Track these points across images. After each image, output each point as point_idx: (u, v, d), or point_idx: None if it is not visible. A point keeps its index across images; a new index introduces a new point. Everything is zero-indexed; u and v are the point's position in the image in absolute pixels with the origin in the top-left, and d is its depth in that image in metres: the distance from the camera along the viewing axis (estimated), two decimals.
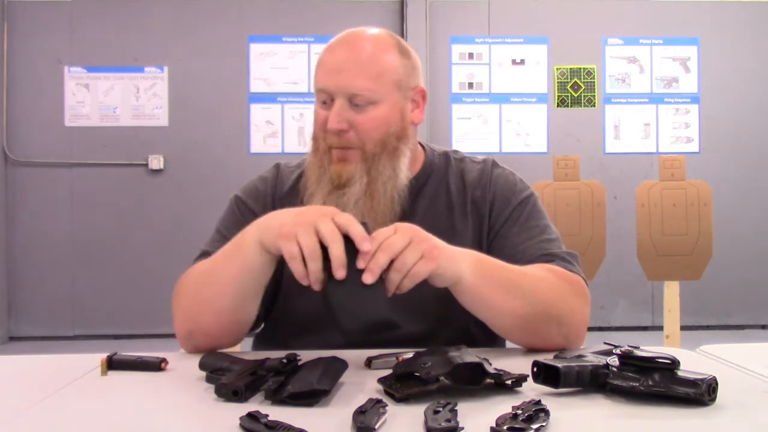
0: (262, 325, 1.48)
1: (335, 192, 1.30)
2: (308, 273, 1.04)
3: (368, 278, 1.05)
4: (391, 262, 1.06)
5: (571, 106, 5.51)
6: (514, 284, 1.19)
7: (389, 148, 1.32)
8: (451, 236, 1.31)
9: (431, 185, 1.39)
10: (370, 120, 1.30)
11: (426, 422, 0.81)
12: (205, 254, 1.34)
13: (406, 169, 1.34)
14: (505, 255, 1.29)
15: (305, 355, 1.01)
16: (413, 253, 1.07)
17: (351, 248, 1.04)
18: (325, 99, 1.31)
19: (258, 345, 1.46)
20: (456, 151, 1.46)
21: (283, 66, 5.42)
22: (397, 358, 1.06)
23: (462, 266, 1.14)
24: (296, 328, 1.35)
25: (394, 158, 1.32)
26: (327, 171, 1.32)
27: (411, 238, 1.08)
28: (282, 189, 1.42)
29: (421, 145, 1.44)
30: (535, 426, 0.79)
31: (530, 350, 1.24)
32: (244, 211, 1.41)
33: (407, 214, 1.33)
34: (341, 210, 1.12)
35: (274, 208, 1.38)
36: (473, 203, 1.37)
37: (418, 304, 1.30)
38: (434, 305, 1.31)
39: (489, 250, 1.33)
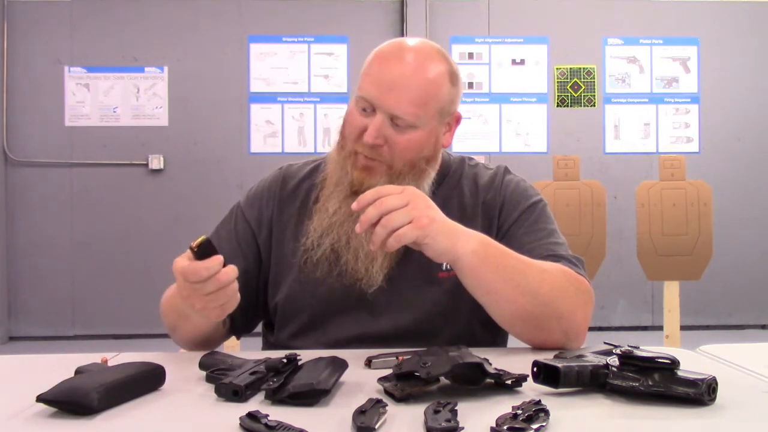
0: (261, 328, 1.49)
1: (353, 198, 1.27)
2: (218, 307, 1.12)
3: (358, 228, 1.14)
4: None
5: (571, 106, 5.51)
6: (518, 272, 1.19)
7: (417, 170, 1.31)
8: None
9: (445, 188, 1.39)
10: (406, 142, 1.28)
11: (426, 422, 0.81)
12: None
13: (428, 189, 1.33)
14: None
15: (305, 355, 1.01)
16: (403, 215, 1.12)
17: None
18: (366, 107, 1.28)
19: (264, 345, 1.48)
20: (471, 158, 1.47)
21: (283, 66, 5.42)
22: (397, 358, 1.06)
23: (461, 244, 1.16)
24: (298, 327, 1.36)
25: (420, 179, 1.32)
26: (348, 174, 1.30)
27: (408, 202, 1.13)
28: (284, 191, 1.43)
29: None
30: (535, 426, 0.79)
31: (530, 349, 1.24)
32: (239, 220, 1.43)
33: None
34: (356, 217, 1.19)
35: (274, 210, 1.41)
36: (484, 205, 1.37)
37: (421, 300, 1.31)
38: (438, 301, 1.32)
39: None
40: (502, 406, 0.87)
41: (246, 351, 1.37)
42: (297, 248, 1.36)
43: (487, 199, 1.38)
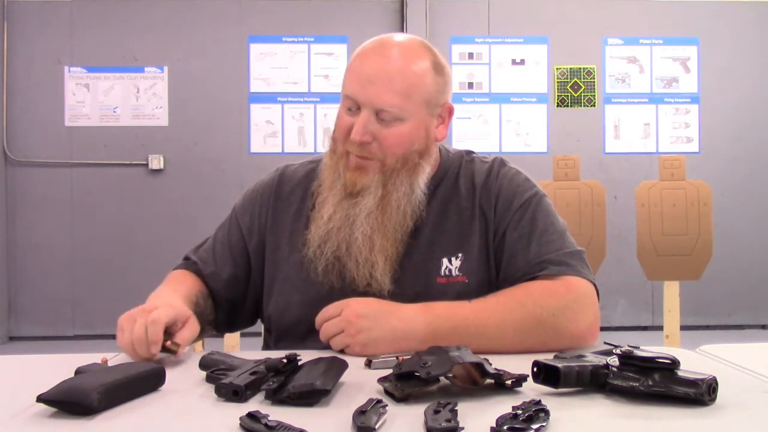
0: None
1: (347, 200, 1.28)
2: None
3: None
4: None
5: (571, 106, 5.51)
6: (478, 334, 1.19)
7: (410, 165, 1.30)
8: (462, 241, 1.32)
9: (443, 187, 1.37)
10: (395, 136, 1.27)
11: (426, 422, 0.81)
12: (186, 260, 1.45)
13: (423, 185, 1.32)
14: (505, 262, 1.32)
15: (305, 356, 1.01)
16: (341, 341, 1.21)
17: None
18: (351, 106, 1.28)
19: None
20: (469, 152, 1.44)
21: (283, 66, 5.42)
22: (397, 358, 1.06)
23: (405, 344, 1.17)
24: (296, 337, 1.34)
25: (413, 174, 1.30)
26: (341, 176, 1.30)
27: (343, 327, 1.20)
28: (280, 196, 1.42)
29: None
30: (535, 426, 0.79)
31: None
32: (233, 226, 1.44)
33: (418, 221, 1.32)
34: (351, 221, 1.26)
35: (268, 218, 1.40)
36: (480, 207, 1.35)
37: (421, 300, 1.31)
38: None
39: (494, 253, 1.33)
40: (502, 406, 0.87)
41: (246, 351, 1.37)
42: (293, 256, 1.35)
43: (482, 201, 1.35)
